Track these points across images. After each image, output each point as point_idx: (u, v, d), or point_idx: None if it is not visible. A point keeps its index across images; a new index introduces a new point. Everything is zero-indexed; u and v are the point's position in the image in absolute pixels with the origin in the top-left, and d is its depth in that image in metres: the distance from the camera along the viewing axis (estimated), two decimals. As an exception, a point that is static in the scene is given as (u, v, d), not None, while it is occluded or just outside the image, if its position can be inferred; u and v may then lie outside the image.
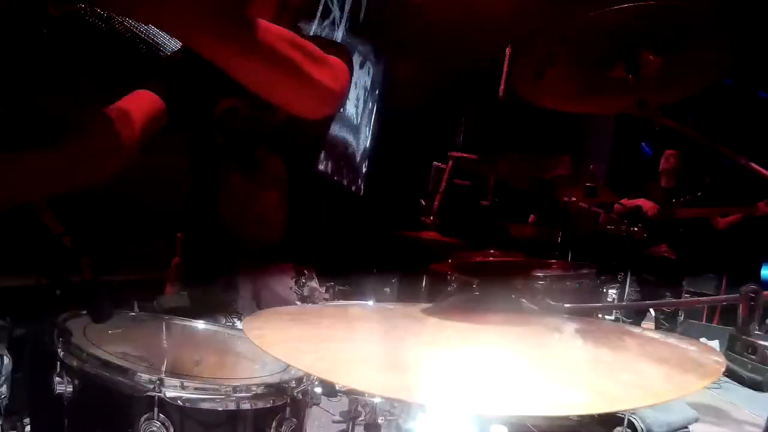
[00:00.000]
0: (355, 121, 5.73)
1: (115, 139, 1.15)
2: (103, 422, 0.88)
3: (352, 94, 5.54)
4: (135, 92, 1.31)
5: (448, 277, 1.88)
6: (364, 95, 5.91)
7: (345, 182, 5.61)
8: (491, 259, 0.84)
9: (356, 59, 5.49)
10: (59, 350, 0.91)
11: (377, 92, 6.21)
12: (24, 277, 1.14)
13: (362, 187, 6.04)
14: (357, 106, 5.73)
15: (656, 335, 0.76)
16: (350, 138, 5.64)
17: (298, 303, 1.59)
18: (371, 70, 5.98)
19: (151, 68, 1.43)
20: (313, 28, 4.35)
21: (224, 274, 1.48)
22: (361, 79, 5.74)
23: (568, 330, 0.78)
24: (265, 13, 1.25)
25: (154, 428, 0.84)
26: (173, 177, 1.58)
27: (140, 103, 1.29)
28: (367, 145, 6.15)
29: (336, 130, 5.22)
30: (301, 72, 0.97)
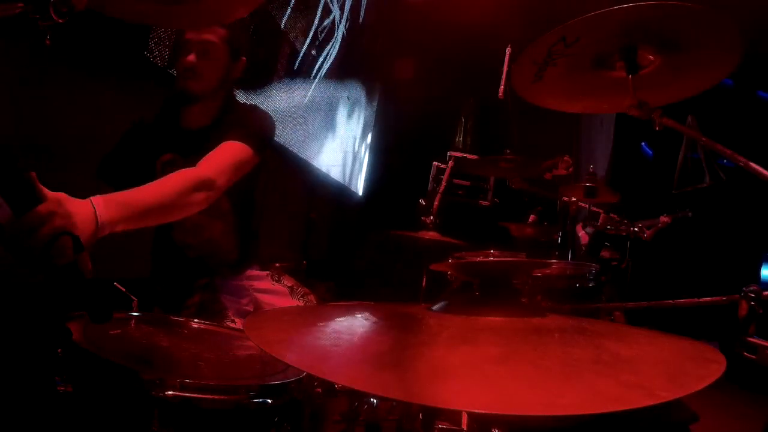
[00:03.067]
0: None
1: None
2: (103, 422, 0.88)
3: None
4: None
5: (448, 277, 1.88)
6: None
7: (345, 182, 5.62)
8: (491, 259, 0.84)
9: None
10: (59, 350, 0.91)
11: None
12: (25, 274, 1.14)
13: (362, 187, 6.05)
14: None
15: (656, 335, 0.76)
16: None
17: (285, 289, 1.84)
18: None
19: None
20: (313, 28, 4.35)
21: (200, 286, 1.72)
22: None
23: (568, 330, 0.78)
24: (212, 80, 1.66)
25: (155, 428, 0.84)
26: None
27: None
28: (367, 144, 6.15)
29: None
30: (185, 205, 1.36)
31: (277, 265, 1.92)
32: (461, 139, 5.60)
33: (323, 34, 4.57)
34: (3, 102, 1.89)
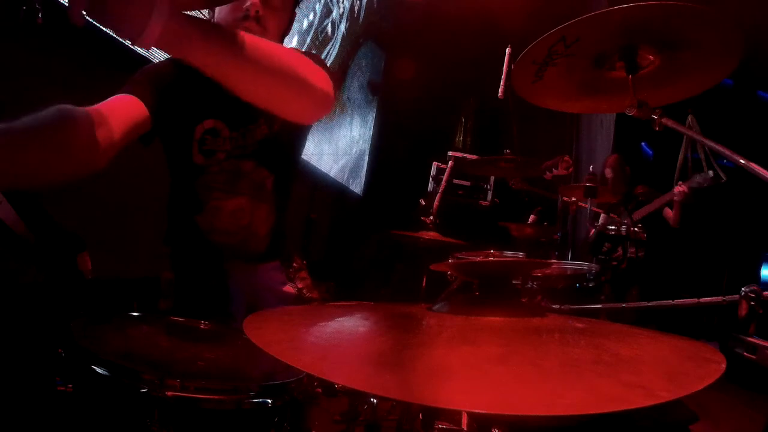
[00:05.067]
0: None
1: (92, 139, 1.09)
2: (103, 422, 0.88)
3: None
4: (120, 96, 1.30)
5: (448, 277, 1.88)
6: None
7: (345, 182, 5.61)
8: (491, 259, 0.84)
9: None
10: (59, 350, 0.91)
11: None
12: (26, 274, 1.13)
13: (362, 187, 6.04)
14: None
15: (656, 335, 0.76)
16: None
17: (294, 291, 1.63)
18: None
19: (141, 74, 1.39)
20: (314, 27, 4.35)
21: (214, 280, 1.51)
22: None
23: (568, 330, 0.78)
24: (275, 36, 1.38)
25: (155, 428, 0.84)
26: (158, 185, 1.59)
27: (124, 108, 1.27)
28: (367, 144, 6.15)
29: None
30: (299, 78, 1.02)
31: (295, 265, 1.77)
32: (461, 139, 5.61)
33: (323, 35, 4.57)
34: (3, 101, 1.89)
